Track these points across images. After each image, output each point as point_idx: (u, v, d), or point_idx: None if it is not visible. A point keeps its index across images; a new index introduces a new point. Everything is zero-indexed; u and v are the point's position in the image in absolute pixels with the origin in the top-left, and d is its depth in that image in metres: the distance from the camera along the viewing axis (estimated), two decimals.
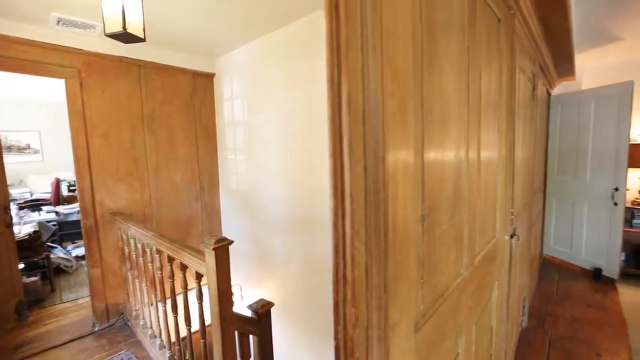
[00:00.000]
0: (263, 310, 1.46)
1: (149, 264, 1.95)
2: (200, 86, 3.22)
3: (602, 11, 2.19)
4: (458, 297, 0.92)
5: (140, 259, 2.07)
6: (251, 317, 1.49)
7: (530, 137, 2.11)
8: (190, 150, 3.15)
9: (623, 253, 3.19)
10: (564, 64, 2.76)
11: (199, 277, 1.42)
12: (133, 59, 2.69)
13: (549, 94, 3.39)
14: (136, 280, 2.24)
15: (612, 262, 3.07)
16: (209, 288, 1.27)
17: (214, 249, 1.20)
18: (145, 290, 2.12)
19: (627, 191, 3.02)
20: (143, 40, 1.46)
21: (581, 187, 3.29)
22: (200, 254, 1.32)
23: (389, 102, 0.53)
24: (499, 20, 1.26)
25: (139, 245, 2.06)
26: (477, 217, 1.07)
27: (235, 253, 3.32)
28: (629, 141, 2.87)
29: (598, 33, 2.61)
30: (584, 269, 3.33)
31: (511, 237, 1.53)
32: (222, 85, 3.24)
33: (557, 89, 3.72)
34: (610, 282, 3.10)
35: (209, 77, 3.28)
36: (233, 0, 1.97)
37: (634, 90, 2.83)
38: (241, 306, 3.08)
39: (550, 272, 3.43)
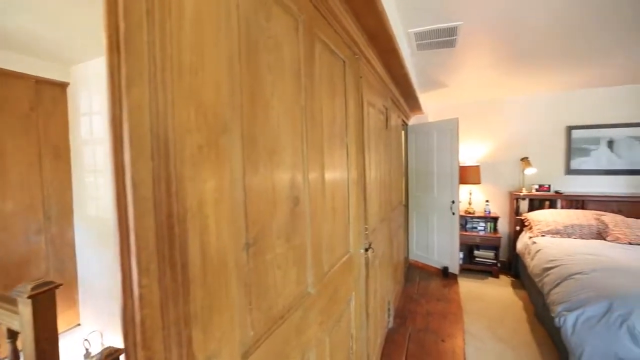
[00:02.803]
0: None
1: None
2: (47, 97, 2.69)
3: (431, 64, 2.78)
4: (304, 315, 0.98)
5: None
6: None
7: (386, 160, 2.47)
8: (30, 173, 2.57)
9: (461, 252, 3.99)
10: (411, 101, 3.38)
11: (12, 335, 1.13)
12: None
13: (405, 124, 4.07)
14: None
15: (454, 260, 3.79)
16: (24, 348, 1.03)
17: (30, 297, 0.99)
18: None
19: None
20: None
21: (432, 201, 4.01)
22: (12, 304, 1.06)
23: (193, 136, 0.54)
24: (344, 62, 1.47)
25: None
26: (325, 237, 1.17)
27: (94, 293, 2.81)
28: (459, 164, 3.67)
29: (432, 80, 3.30)
30: (437, 268, 4.02)
31: (366, 250, 1.73)
32: (78, 96, 2.79)
33: (413, 120, 4.50)
34: (454, 278, 3.81)
35: (61, 86, 2.78)
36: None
37: (459, 125, 3.67)
38: None
39: (414, 274, 4.01)
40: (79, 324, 2.87)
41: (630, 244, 2.97)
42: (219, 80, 0.62)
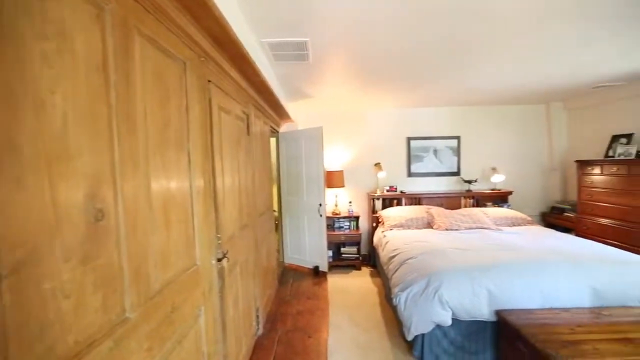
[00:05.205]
0: None
1: None
2: None
3: (293, 75, 2.94)
4: (118, 346, 0.85)
5: None
6: None
7: (249, 167, 2.46)
8: None
9: (330, 251, 4.34)
10: (279, 109, 3.49)
11: None
12: None
13: (275, 130, 4.19)
14: None
15: (323, 259, 4.09)
16: None
17: None
18: None
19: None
20: None
21: (302, 204, 4.23)
22: None
23: None
24: (184, 64, 1.38)
25: None
26: (154, 251, 1.06)
27: None
28: (324, 169, 3.99)
29: (296, 90, 3.50)
30: (310, 268, 4.25)
31: (220, 260, 1.67)
32: None
33: (284, 128, 4.66)
34: (324, 275, 4.11)
35: None
36: None
37: (325, 133, 4.00)
38: None
39: (288, 277, 4.13)
40: None
41: (447, 229, 3.81)
42: None
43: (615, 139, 3.90)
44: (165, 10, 1.17)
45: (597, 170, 3.86)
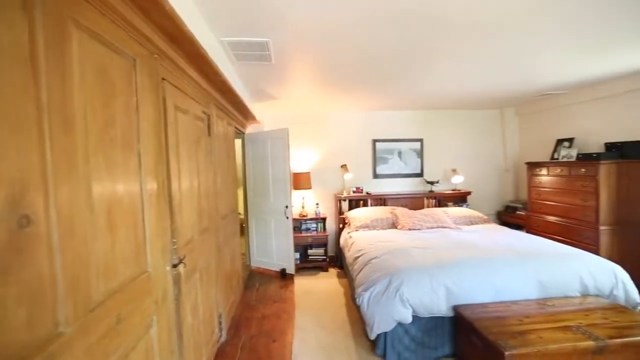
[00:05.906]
0: None
1: None
2: None
3: (257, 76, 2.90)
4: None
5: None
6: None
7: (209, 169, 2.38)
8: None
9: (297, 253, 4.31)
10: (243, 110, 3.42)
11: None
12: None
13: (241, 132, 4.10)
14: None
15: (290, 261, 4.06)
16: None
17: None
18: None
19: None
20: None
21: (269, 206, 4.17)
22: None
23: None
24: (134, 60, 1.31)
25: None
26: (96, 260, 0.99)
27: None
28: (291, 171, 3.97)
29: (261, 91, 3.46)
30: (276, 271, 4.20)
31: (175, 266, 1.60)
32: None
33: (250, 129, 4.58)
34: (291, 277, 4.08)
35: None
36: None
37: (291, 134, 3.98)
38: None
39: (254, 280, 4.06)
40: None
41: (410, 229, 3.93)
42: None
43: (559, 142, 4.23)
44: (109, 2, 1.10)
45: (544, 171, 4.17)
